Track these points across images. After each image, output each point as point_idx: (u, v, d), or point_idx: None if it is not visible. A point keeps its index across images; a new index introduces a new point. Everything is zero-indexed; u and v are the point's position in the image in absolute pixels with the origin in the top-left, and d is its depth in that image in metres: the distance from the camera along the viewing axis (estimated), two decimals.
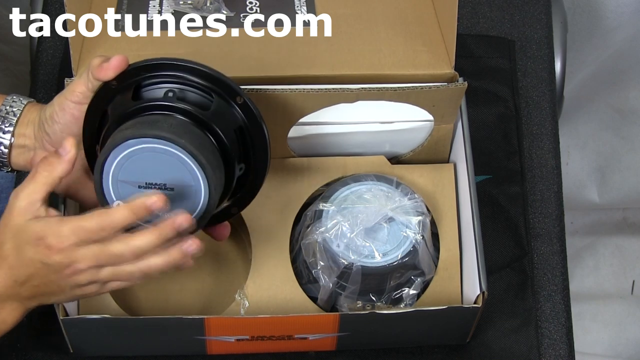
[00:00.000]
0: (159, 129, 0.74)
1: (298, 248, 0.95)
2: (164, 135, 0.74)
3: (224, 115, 0.79)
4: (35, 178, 0.75)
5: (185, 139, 0.74)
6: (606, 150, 1.70)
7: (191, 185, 0.76)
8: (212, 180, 0.76)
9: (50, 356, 0.97)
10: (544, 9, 1.20)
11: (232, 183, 0.81)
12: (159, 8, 0.96)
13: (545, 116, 1.13)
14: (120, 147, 0.75)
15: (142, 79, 0.79)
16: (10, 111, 0.84)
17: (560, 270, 1.04)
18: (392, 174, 0.97)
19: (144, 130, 0.74)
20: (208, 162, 0.75)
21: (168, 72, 0.79)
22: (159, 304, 0.98)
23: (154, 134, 0.74)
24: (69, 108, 0.80)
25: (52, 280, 0.77)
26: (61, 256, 0.75)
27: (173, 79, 0.79)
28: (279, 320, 0.89)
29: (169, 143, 0.74)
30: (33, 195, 0.75)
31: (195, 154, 0.74)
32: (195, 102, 0.78)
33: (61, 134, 0.81)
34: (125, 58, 0.78)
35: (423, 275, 0.94)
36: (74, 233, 0.74)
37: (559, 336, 1.01)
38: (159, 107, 0.77)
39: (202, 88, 0.79)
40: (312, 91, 0.89)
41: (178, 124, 0.76)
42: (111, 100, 0.79)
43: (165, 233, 0.74)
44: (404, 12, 0.98)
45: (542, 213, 1.07)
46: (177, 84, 0.79)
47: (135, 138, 0.74)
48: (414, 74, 0.93)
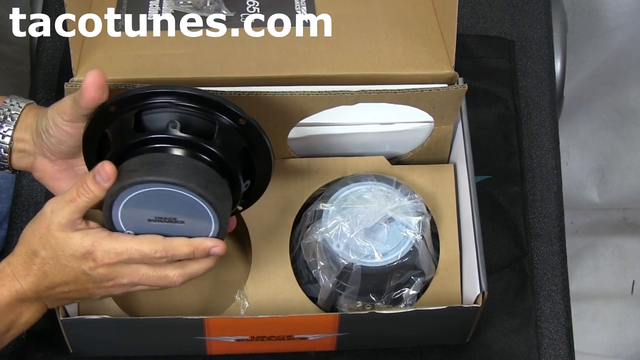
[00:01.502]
0: (166, 173, 0.74)
1: (298, 248, 0.95)
2: (172, 180, 0.74)
3: (228, 141, 0.79)
4: (76, 202, 0.77)
5: (193, 181, 0.75)
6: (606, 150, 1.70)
7: (201, 219, 0.77)
8: (222, 213, 0.77)
9: (50, 356, 0.97)
10: (543, 9, 1.20)
11: (239, 200, 0.82)
12: (159, 8, 0.96)
13: (545, 116, 1.13)
14: (127, 190, 0.75)
15: (142, 106, 0.78)
16: (8, 115, 0.84)
17: (560, 270, 1.04)
18: (392, 174, 0.97)
19: (151, 176, 0.74)
20: (217, 199, 0.76)
21: (168, 99, 0.78)
22: (158, 304, 0.98)
23: (161, 180, 0.74)
24: (61, 125, 0.80)
25: (87, 288, 0.80)
26: (107, 271, 0.78)
27: (173, 106, 0.78)
28: (279, 320, 0.89)
29: (178, 187, 0.74)
30: (73, 215, 0.77)
31: (203, 195, 0.75)
32: (198, 129, 0.78)
33: (58, 146, 0.82)
34: (98, 72, 0.77)
35: (423, 276, 0.94)
36: (126, 253, 0.77)
37: (559, 336, 1.01)
38: (163, 140, 0.77)
39: (204, 113, 0.78)
40: (312, 93, 0.89)
41: (184, 164, 0.76)
42: (110, 123, 0.79)
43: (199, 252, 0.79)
44: (404, 12, 0.98)
45: (542, 213, 1.07)
46: (178, 111, 0.78)
47: (143, 183, 0.74)
48: (414, 74, 0.93)
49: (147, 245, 0.77)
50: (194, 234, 0.78)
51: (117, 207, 0.76)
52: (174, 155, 0.77)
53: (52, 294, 0.80)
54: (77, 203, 0.77)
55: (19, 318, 0.80)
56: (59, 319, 0.86)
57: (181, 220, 0.77)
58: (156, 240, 0.77)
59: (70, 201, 0.77)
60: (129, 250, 0.76)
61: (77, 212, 0.77)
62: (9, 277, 0.78)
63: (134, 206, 0.76)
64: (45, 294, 0.80)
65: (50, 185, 0.86)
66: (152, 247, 0.77)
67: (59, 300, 0.81)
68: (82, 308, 0.93)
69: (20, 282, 0.78)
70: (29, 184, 1.05)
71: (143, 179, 0.74)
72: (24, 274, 0.78)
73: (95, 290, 0.79)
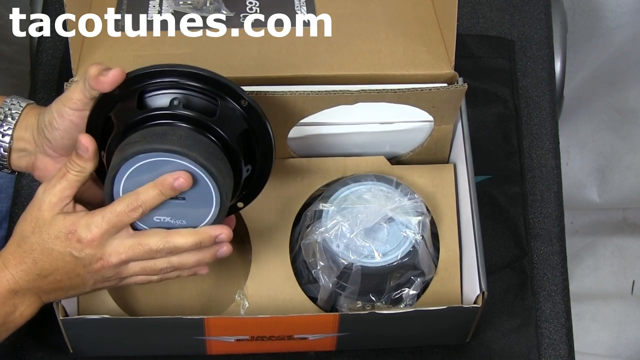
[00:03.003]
0: (169, 142, 0.74)
1: (298, 248, 0.95)
2: (175, 149, 0.74)
3: (229, 120, 0.79)
4: (66, 177, 0.78)
5: (195, 151, 0.75)
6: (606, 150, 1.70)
7: (203, 194, 0.77)
8: (223, 188, 0.76)
9: (50, 356, 0.97)
10: (544, 9, 1.20)
11: (240, 184, 0.81)
12: (158, 8, 0.96)
13: (545, 116, 1.13)
14: (130, 161, 0.75)
15: (145, 86, 0.78)
16: (8, 114, 0.84)
17: (560, 270, 1.04)
18: (392, 174, 0.97)
19: (154, 144, 0.74)
20: (218, 172, 0.76)
21: (171, 79, 0.78)
22: (158, 304, 0.98)
23: (164, 148, 0.74)
24: (67, 115, 0.80)
25: (78, 274, 0.79)
26: (93, 250, 0.77)
27: (176, 85, 0.78)
28: (279, 320, 0.89)
29: (180, 156, 0.74)
30: (65, 192, 0.78)
31: (206, 165, 0.75)
32: (200, 108, 0.78)
33: (62, 140, 0.82)
34: (123, 71, 0.78)
35: (423, 276, 0.94)
36: (103, 219, 0.76)
37: (559, 336, 1.01)
38: (166, 116, 0.77)
39: (206, 93, 0.79)
40: (312, 93, 0.89)
41: (186, 135, 0.76)
42: (113, 107, 0.79)
43: (204, 240, 0.79)
44: (404, 12, 0.98)
45: (542, 213, 1.07)
46: (180, 91, 0.78)
47: (145, 152, 0.74)
48: (414, 74, 0.93)
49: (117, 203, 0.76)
50: (195, 211, 0.78)
51: (118, 181, 0.76)
52: (177, 127, 0.77)
53: (45, 284, 0.79)
54: (67, 177, 0.77)
55: (13, 311, 0.80)
56: (59, 319, 0.86)
57: (182, 197, 0.77)
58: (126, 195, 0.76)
59: (61, 177, 0.78)
60: (106, 214, 0.76)
61: (69, 187, 0.78)
62: (0, 268, 0.78)
63: (136, 180, 0.76)
64: (38, 285, 0.79)
65: None
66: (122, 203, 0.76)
67: (52, 291, 0.80)
68: (82, 308, 0.93)
69: (11, 272, 0.78)
70: (29, 183, 1.05)
71: (145, 148, 0.74)
72: (14, 264, 0.78)
73: (87, 276, 0.78)
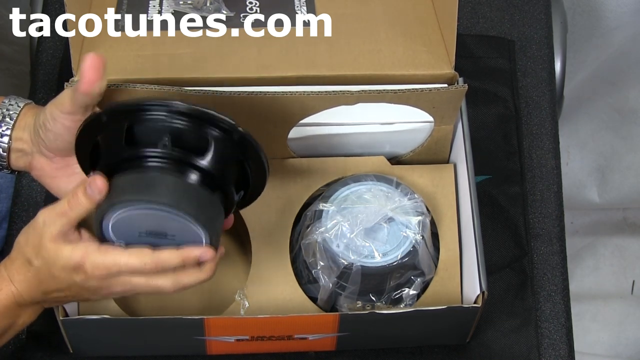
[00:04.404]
0: (157, 194, 0.74)
1: (298, 248, 0.95)
2: (163, 201, 0.74)
3: (222, 155, 0.77)
4: (67, 215, 0.77)
5: (184, 202, 0.74)
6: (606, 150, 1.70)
7: (192, 237, 0.76)
8: (213, 232, 0.76)
9: (50, 356, 0.97)
10: (544, 9, 1.20)
11: (232, 209, 0.81)
12: (159, 8, 0.96)
13: (545, 116, 1.13)
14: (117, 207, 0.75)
15: (134, 119, 0.76)
16: (7, 114, 0.84)
17: (560, 271, 1.04)
18: (392, 174, 0.97)
19: (142, 195, 0.74)
20: (208, 220, 0.75)
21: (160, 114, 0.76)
22: (158, 304, 0.98)
23: (152, 200, 0.74)
24: (59, 118, 0.80)
25: (82, 295, 0.80)
26: (99, 282, 0.78)
27: (166, 120, 0.76)
28: (279, 320, 0.89)
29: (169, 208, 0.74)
30: (65, 227, 0.77)
31: (195, 216, 0.74)
32: (191, 146, 0.76)
33: (55, 142, 0.82)
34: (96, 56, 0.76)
35: (423, 276, 0.94)
36: (115, 266, 0.77)
37: (559, 336, 1.01)
38: (155, 157, 0.76)
39: (197, 128, 0.76)
40: (312, 93, 0.89)
41: (175, 185, 0.75)
42: (101, 131, 0.78)
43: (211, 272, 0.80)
44: (404, 12, 0.98)
45: (542, 213, 1.07)
46: (170, 125, 0.76)
47: (133, 203, 0.74)
48: (414, 74, 0.93)
49: (136, 259, 0.76)
50: None
51: (107, 221, 0.76)
52: (165, 176, 0.75)
53: (49, 298, 0.80)
54: (69, 216, 0.77)
55: (16, 320, 0.81)
56: (59, 319, 0.86)
57: (172, 235, 0.77)
58: (145, 253, 0.77)
59: (62, 214, 0.77)
60: (118, 264, 0.76)
61: (69, 224, 0.77)
62: (6, 281, 0.79)
63: (125, 221, 0.76)
64: (42, 299, 0.80)
65: (48, 183, 0.86)
66: (140, 261, 0.76)
67: (56, 302, 0.82)
68: (82, 308, 0.93)
69: (17, 287, 0.79)
70: (29, 183, 1.05)
71: (133, 199, 0.74)
72: (20, 280, 0.79)
73: (91, 296, 0.80)
